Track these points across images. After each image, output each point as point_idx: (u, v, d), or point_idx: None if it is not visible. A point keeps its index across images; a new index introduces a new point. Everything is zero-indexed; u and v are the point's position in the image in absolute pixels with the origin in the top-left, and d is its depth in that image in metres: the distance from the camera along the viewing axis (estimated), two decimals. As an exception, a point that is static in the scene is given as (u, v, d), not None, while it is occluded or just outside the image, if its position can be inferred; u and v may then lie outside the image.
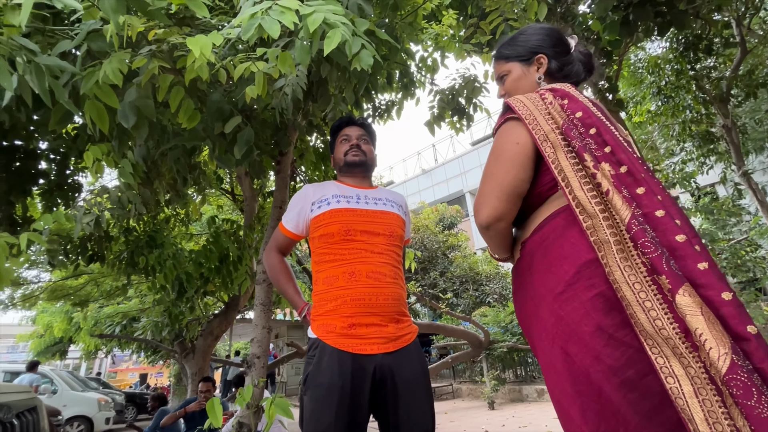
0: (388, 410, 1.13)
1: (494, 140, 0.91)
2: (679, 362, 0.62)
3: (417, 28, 2.89)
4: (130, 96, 1.34)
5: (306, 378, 1.13)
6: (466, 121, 2.87)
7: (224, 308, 4.67)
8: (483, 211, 0.85)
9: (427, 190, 19.30)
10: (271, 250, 1.38)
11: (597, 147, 0.78)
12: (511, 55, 1.01)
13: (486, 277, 11.50)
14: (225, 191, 5.21)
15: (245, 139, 1.58)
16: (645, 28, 3.79)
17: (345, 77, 1.77)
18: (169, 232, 4.16)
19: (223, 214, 5.59)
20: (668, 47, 6.30)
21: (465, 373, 9.33)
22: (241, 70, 1.34)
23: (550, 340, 0.76)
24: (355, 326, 1.15)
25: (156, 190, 2.52)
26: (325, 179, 3.71)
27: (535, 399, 7.10)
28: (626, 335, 0.68)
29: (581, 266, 0.74)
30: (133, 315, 6.74)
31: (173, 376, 12.38)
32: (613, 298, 0.70)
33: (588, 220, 0.74)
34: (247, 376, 1.72)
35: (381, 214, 1.30)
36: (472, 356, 7.36)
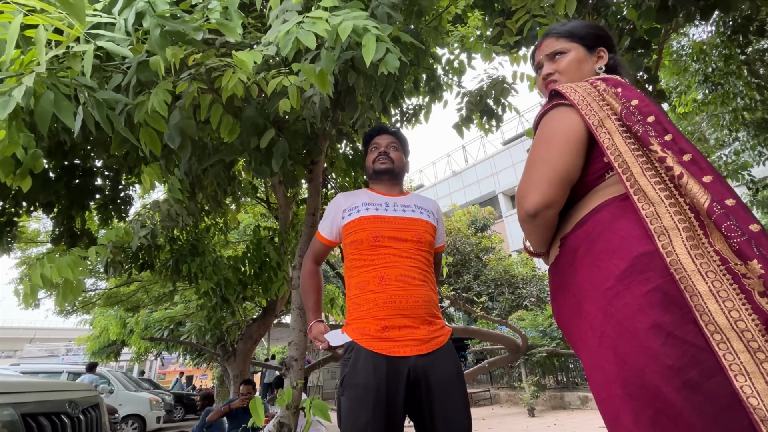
0: (424, 411, 1.15)
1: (542, 125, 0.86)
2: (753, 358, 0.57)
3: (442, 32, 2.90)
4: (175, 119, 1.44)
5: (342, 379, 1.17)
6: (495, 122, 2.83)
7: (262, 313, 4.85)
8: (532, 197, 0.79)
9: (458, 192, 19.05)
10: (307, 258, 1.45)
11: (657, 134, 0.74)
12: (575, 34, 0.96)
13: (522, 280, 11.18)
14: (260, 200, 5.42)
15: (281, 152, 1.66)
16: (686, 13, 3.58)
17: (371, 84, 1.81)
18: (210, 240, 4.38)
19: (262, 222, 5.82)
20: (714, 32, 5.90)
21: (503, 378, 9.10)
22: (274, 84, 1.41)
23: (597, 339, 0.71)
24: (387, 329, 1.18)
25: (200, 202, 2.68)
26: (354, 185, 3.78)
27: (579, 407, 6.79)
28: (687, 333, 0.63)
29: (634, 259, 0.69)
30: (179, 319, 7.14)
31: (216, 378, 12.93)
32: (671, 293, 0.65)
33: (648, 207, 0.70)
34: (285, 378, 1.78)
35: (409, 220, 1.32)
36: (509, 361, 7.16)
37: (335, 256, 7.78)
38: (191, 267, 3.64)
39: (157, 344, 9.02)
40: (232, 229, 5.61)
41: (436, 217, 1.42)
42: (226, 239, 5.56)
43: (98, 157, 2.92)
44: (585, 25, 0.98)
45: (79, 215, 3.11)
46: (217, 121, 1.50)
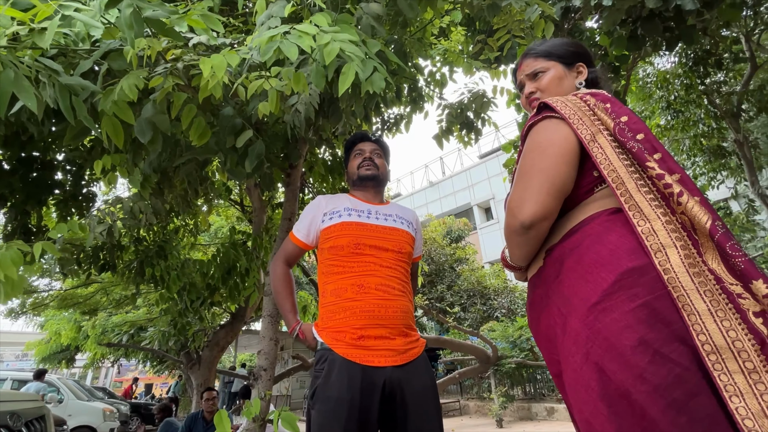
0: (397, 425, 1.12)
1: (534, 135, 0.85)
2: (747, 379, 0.58)
3: (426, 44, 2.94)
4: (147, 112, 1.38)
5: (314, 391, 1.13)
6: (474, 135, 2.88)
7: (231, 319, 4.68)
8: (528, 208, 0.76)
9: (435, 203, 19.30)
10: (277, 260, 1.40)
11: (648, 152, 0.74)
12: (553, 53, 0.98)
13: (494, 291, 11.38)
14: (234, 202, 5.27)
15: (256, 153, 1.61)
16: (653, 43, 3.81)
17: (356, 94, 1.81)
18: (178, 242, 4.21)
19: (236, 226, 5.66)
20: (677, 62, 6.31)
21: (473, 389, 9.17)
22: (254, 87, 1.38)
23: (582, 356, 0.69)
24: (364, 338, 1.15)
25: (168, 202, 2.56)
26: (332, 192, 3.75)
27: (545, 417, 6.93)
28: (673, 351, 0.62)
29: (622, 274, 0.68)
30: (141, 324, 6.79)
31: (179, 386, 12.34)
32: (658, 310, 0.65)
33: (645, 223, 0.70)
34: (253, 389, 1.71)
35: (390, 230, 1.31)
36: (479, 372, 7.23)
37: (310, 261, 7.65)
38: (156, 270, 3.47)
39: (114, 350, 8.52)
40: (202, 232, 5.42)
41: (415, 228, 1.41)
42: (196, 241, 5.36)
43: (59, 150, 2.75)
44: (562, 43, 1.00)
45: (35, 211, 2.91)
46: (189, 122, 1.44)
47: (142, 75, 1.21)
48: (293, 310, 1.33)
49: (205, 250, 6.03)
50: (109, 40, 1.21)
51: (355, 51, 1.16)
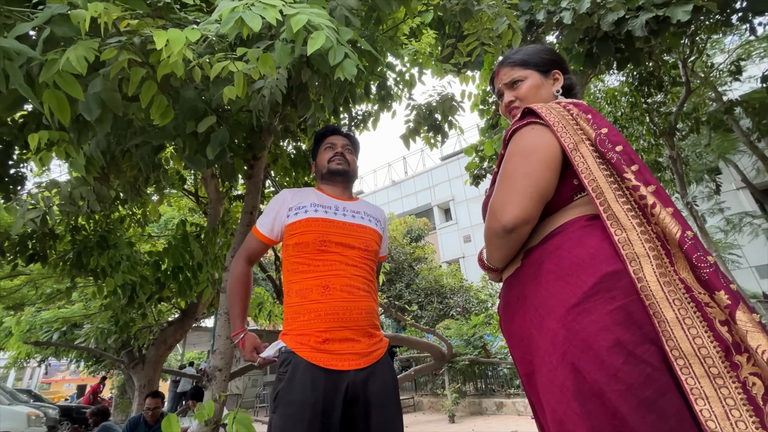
0: (359, 426, 1.11)
1: (517, 140, 0.85)
2: (712, 383, 0.61)
3: (397, 42, 2.94)
4: (96, 87, 1.25)
5: (277, 395, 1.09)
6: (441, 137, 2.93)
7: (180, 316, 4.41)
8: (510, 211, 0.77)
9: (396, 202, 19.47)
10: (239, 257, 1.33)
11: (626, 164, 0.76)
12: (529, 62, 0.99)
13: (450, 290, 11.69)
14: (188, 192, 4.98)
15: (219, 141, 1.52)
16: (606, 62, 4.09)
17: (326, 84, 1.76)
18: (123, 232, 3.90)
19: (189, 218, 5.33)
20: (624, 81, 6.82)
21: (427, 386, 9.36)
22: (218, 69, 1.29)
23: (558, 356, 0.70)
24: (329, 341, 1.12)
25: (115, 188, 2.36)
26: (295, 186, 3.65)
27: (494, 412, 7.22)
28: (645, 352, 0.65)
29: (601, 278, 0.71)
30: (75, 321, 6.22)
31: (116, 388, 11.49)
32: (634, 313, 0.67)
33: (621, 233, 0.72)
34: (206, 390, 1.62)
35: (357, 227, 1.29)
36: (434, 369, 7.40)
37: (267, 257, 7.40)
38: (98, 261, 3.19)
39: (42, 349, 7.75)
40: (151, 222, 5.06)
41: (382, 226, 1.40)
42: (144, 232, 5.00)
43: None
44: (537, 51, 1.01)
45: (-49, 192, 2.55)
46: (149, 101, 1.33)
47: (93, 46, 1.09)
48: (242, 315, 1.28)
49: (154, 242, 5.63)
50: (55, 3, 1.08)
51: (325, 22, 1.12)
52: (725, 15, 4.74)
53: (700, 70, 7.55)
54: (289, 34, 1.28)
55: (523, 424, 5.89)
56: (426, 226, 14.31)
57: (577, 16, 3.33)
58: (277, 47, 1.29)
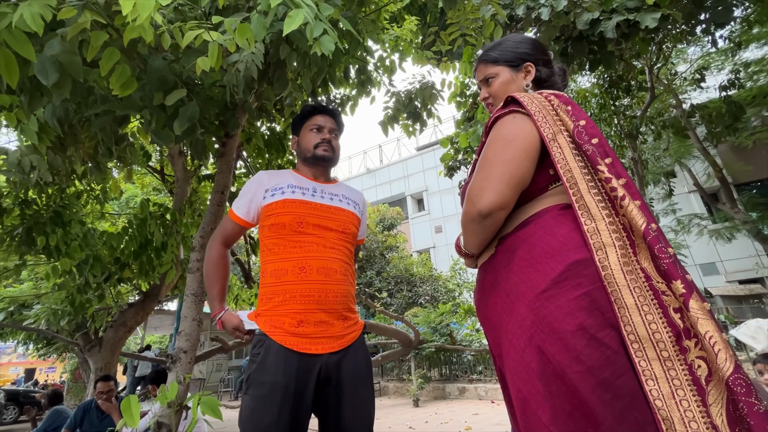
0: (331, 407, 1.12)
1: (499, 128, 0.87)
2: (662, 365, 0.66)
3: (379, 27, 2.89)
4: (53, 49, 1.15)
5: (249, 376, 1.08)
6: (419, 126, 2.93)
7: (142, 298, 4.24)
8: (487, 197, 0.79)
9: (370, 190, 19.43)
10: (214, 240, 1.30)
11: (600, 156, 0.79)
12: (500, 58, 1.02)
13: (420, 279, 11.89)
14: (153, 169, 4.74)
15: (189, 115, 1.44)
16: (579, 62, 4.22)
17: (305, 62, 1.71)
18: (80, 209, 3.67)
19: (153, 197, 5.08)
20: (595, 83, 7.07)
21: (393, 371, 9.55)
22: (190, 37, 1.22)
23: (526, 339, 0.74)
24: (303, 323, 1.12)
25: (70, 159, 2.20)
26: (267, 168, 3.55)
27: (457, 396, 7.49)
28: (605, 335, 0.69)
29: (569, 265, 0.74)
30: (25, 300, 5.84)
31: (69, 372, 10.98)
32: (597, 299, 0.71)
33: (590, 223, 0.76)
34: (170, 372, 1.57)
35: (335, 209, 1.28)
36: (401, 355, 7.55)
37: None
38: (52, 239, 2.99)
39: (-14, 330, 7.25)
40: (111, 199, 4.79)
41: (361, 210, 1.39)
42: (103, 210, 4.73)
43: None
44: (509, 47, 1.03)
45: None
46: (109, 69, 1.24)
47: (51, 3, 1.00)
48: (220, 296, 1.25)
49: (114, 220, 5.34)
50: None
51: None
52: (690, 26, 4.99)
53: (665, 77, 7.93)
54: (265, 5, 1.23)
55: (483, 407, 6.16)
56: (399, 216, 14.40)
57: (554, 13, 3.40)
58: (254, 19, 1.23)
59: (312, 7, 1.25)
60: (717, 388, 0.63)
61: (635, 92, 6.97)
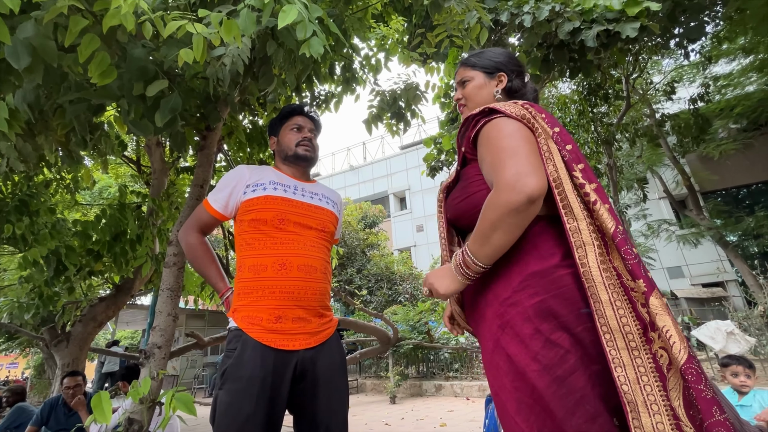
0: (306, 402, 1.13)
1: (497, 128, 0.88)
2: (630, 354, 0.73)
3: (365, 25, 2.89)
4: (26, 32, 1.11)
5: (224, 371, 1.07)
6: (403, 125, 2.95)
7: (114, 291, 4.11)
8: (532, 180, 0.77)
9: (353, 187, 19.38)
10: (190, 229, 1.28)
11: (574, 162, 0.83)
12: (477, 64, 1.09)
13: (400, 277, 11.96)
14: (128, 160, 4.59)
15: (171, 107, 1.41)
16: (560, 69, 4.34)
17: (291, 59, 1.69)
18: (48, 198, 3.52)
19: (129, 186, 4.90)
20: (575, 90, 7.27)
21: (371, 368, 9.59)
22: (173, 27, 1.20)
23: (493, 342, 0.83)
24: (281, 319, 1.12)
25: (40, 146, 2.12)
26: (248, 162, 3.50)
27: (433, 394, 7.59)
28: (559, 338, 0.77)
29: (527, 276, 0.82)
30: (-14, 293, 5.55)
31: (33, 368, 10.52)
32: (551, 306, 0.78)
33: (573, 222, 0.80)
34: (143, 368, 1.54)
35: (316, 208, 1.29)
36: (379, 352, 7.59)
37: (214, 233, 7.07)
38: (18, 227, 2.87)
39: (-58, 323, 6.84)
40: (83, 189, 4.61)
41: (339, 209, 1.41)
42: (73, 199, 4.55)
43: None
44: (487, 56, 1.10)
45: None
46: (88, 56, 1.20)
47: (26, -16, 0.96)
48: (220, 276, 1.25)
49: (86, 210, 5.14)
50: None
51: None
52: (665, 38, 5.21)
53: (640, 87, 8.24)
54: (257, 1, 1.22)
55: (459, 404, 6.27)
56: (381, 213, 14.43)
57: (536, 21, 3.49)
58: (243, 14, 1.22)
59: (302, 4, 1.25)
60: (675, 376, 0.70)
61: (612, 100, 7.22)
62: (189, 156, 3.92)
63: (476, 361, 7.69)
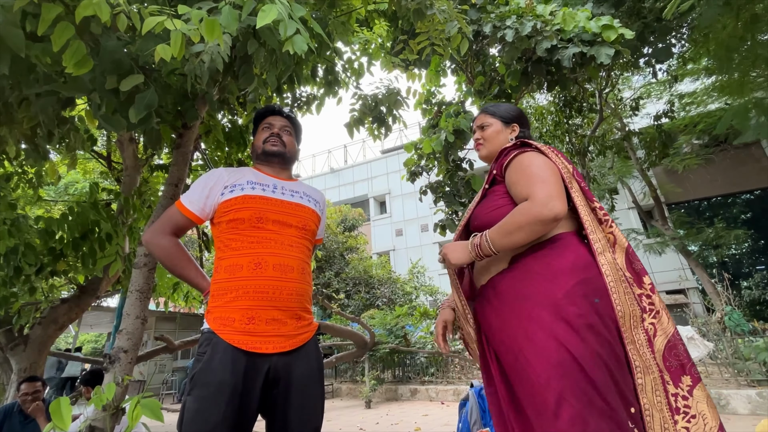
0: (278, 409, 1.10)
1: (529, 159, 1.13)
2: (632, 330, 1.01)
3: (349, 29, 2.90)
4: (-8, 18, 1.06)
5: (193, 377, 1.04)
6: (384, 130, 2.97)
7: (78, 292, 3.92)
8: (559, 205, 1.02)
9: (333, 190, 19.26)
10: (162, 232, 1.23)
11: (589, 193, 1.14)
12: (496, 113, 1.35)
13: (378, 281, 11.95)
14: (98, 155, 4.41)
15: (146, 103, 1.37)
16: (538, 82, 4.48)
17: (272, 60, 1.68)
18: (8, 192, 3.34)
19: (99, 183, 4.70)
20: (551, 101, 7.51)
21: (347, 373, 9.51)
22: (152, 23, 1.17)
23: (545, 333, 0.98)
24: (254, 320, 1.09)
25: (3, 139, 2.01)
26: (226, 163, 3.43)
27: (409, 398, 7.60)
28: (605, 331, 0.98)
29: (579, 281, 1.01)
30: (-65, 292, 5.17)
31: (-15, 373, 9.85)
32: (599, 306, 0.99)
33: (593, 234, 1.08)
34: (107, 373, 1.47)
35: (296, 206, 1.27)
36: (356, 356, 7.53)
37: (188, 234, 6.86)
38: (-26, 224, 2.70)
39: None
40: (48, 184, 4.40)
41: (321, 209, 1.39)
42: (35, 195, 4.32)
43: None
44: (505, 109, 1.37)
45: None
46: (62, 44, 1.15)
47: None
48: (201, 274, 1.22)
49: (50, 207, 4.89)
50: None
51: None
52: (635, 57, 5.46)
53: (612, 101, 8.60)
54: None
55: (434, 408, 6.31)
56: (361, 217, 14.40)
57: (518, 36, 3.59)
58: (225, 11, 1.20)
59: (285, 4, 1.25)
60: (662, 338, 1.02)
61: (586, 113, 7.50)
62: (164, 153, 3.80)
63: (451, 366, 7.76)
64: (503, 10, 3.76)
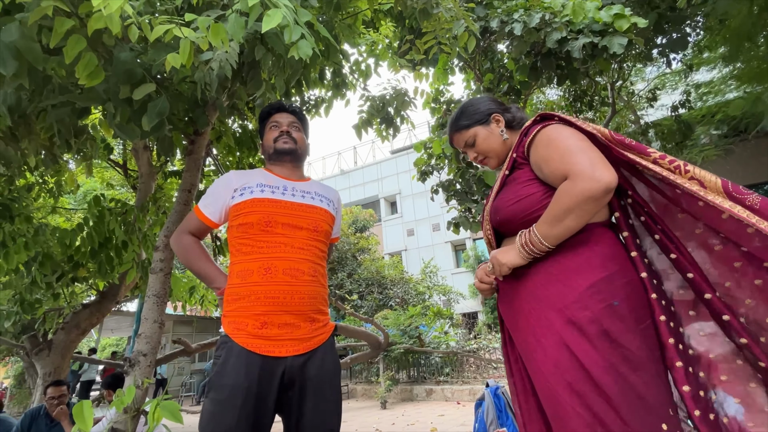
0: (293, 410, 1.11)
1: (557, 130, 0.97)
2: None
3: (355, 31, 2.91)
4: (10, 35, 1.09)
5: (210, 380, 1.06)
6: (392, 131, 2.97)
7: (98, 298, 4.02)
8: (609, 173, 0.86)
9: (344, 191, 19.35)
10: (182, 232, 1.25)
11: None
12: (470, 122, 1.15)
13: (391, 282, 11.94)
14: (115, 163, 4.52)
15: (158, 111, 1.40)
16: (548, 76, 4.42)
17: (279, 64, 1.70)
18: (30, 202, 3.45)
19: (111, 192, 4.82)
20: (562, 96, 7.40)
21: (362, 373, 9.53)
22: (160, 31, 1.19)
23: (555, 339, 0.89)
24: (267, 325, 1.10)
25: (24, 151, 2.07)
26: (237, 167, 3.48)
27: (424, 398, 7.58)
28: (625, 340, 0.85)
29: (595, 282, 0.90)
30: (-37, 300, 5.38)
31: (13, 377, 10.21)
32: (617, 310, 0.87)
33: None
34: (128, 376, 1.51)
35: (307, 207, 1.25)
36: (370, 357, 7.54)
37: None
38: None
39: None
40: (67, 193, 4.52)
41: (335, 207, 1.37)
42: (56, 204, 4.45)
43: None
44: (472, 110, 1.17)
45: None
46: (74, 56, 1.19)
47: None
48: (218, 270, 1.22)
49: (70, 215, 5.03)
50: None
51: (284, 1, 1.10)
52: (648, 48, 5.34)
53: (624, 94, 8.43)
54: (244, 5, 1.23)
55: (450, 409, 6.27)
56: (372, 218, 14.41)
57: (526, 29, 3.55)
58: (231, 19, 1.22)
59: (290, 9, 1.25)
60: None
61: (598, 107, 7.36)
62: (177, 160, 3.88)
63: (467, 365, 7.70)
64: (510, 5, 3.72)
